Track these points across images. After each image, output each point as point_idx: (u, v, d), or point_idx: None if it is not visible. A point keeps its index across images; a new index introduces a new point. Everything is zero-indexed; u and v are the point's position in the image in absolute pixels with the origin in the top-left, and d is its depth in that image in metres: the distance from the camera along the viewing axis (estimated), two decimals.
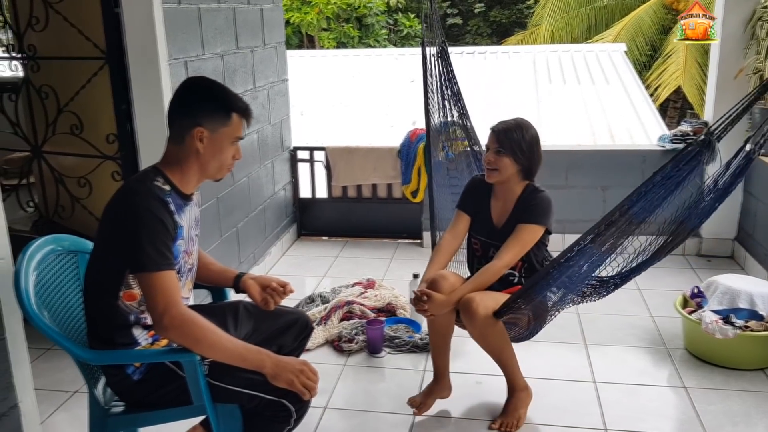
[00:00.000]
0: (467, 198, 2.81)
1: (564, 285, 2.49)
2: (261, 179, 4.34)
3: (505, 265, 2.57)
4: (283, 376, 1.86)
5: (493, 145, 2.62)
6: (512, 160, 2.59)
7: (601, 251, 2.33)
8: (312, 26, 14.73)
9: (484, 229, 2.74)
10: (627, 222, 2.26)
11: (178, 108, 1.97)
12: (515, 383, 2.70)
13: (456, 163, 3.27)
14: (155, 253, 1.81)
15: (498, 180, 2.65)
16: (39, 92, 3.37)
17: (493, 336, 2.56)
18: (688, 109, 12.18)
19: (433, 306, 2.54)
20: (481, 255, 2.75)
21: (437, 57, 3.24)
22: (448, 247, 2.78)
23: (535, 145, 2.63)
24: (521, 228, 2.58)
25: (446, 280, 2.62)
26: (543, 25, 13.33)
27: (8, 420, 2.08)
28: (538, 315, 2.61)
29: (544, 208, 2.61)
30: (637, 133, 7.64)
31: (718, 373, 3.02)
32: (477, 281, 2.59)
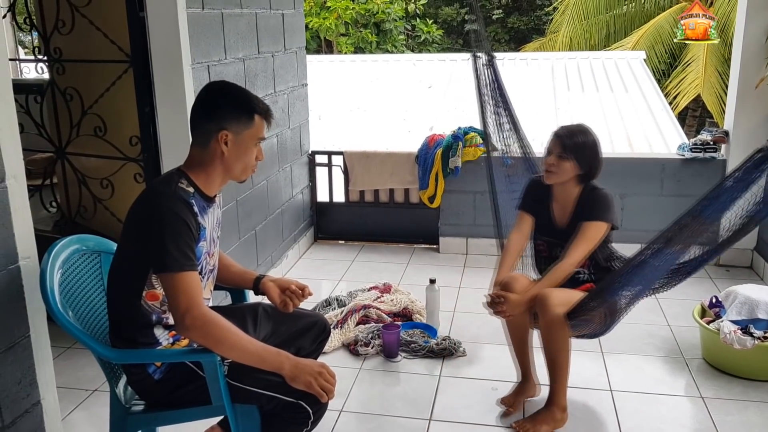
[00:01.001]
0: (528, 199, 2.88)
1: (638, 283, 2.50)
2: (279, 183, 4.37)
3: (573, 263, 2.62)
4: (301, 378, 1.88)
5: (556, 149, 2.68)
6: (574, 165, 2.66)
7: (672, 251, 2.36)
8: (330, 31, 14.79)
9: (547, 229, 2.81)
10: (699, 224, 2.28)
11: (202, 112, 1.99)
12: (556, 398, 2.68)
13: (514, 168, 3.32)
14: (179, 254, 1.84)
15: (556, 181, 2.72)
16: (64, 94, 3.42)
17: (558, 336, 2.59)
18: (707, 117, 12.09)
19: (509, 306, 2.60)
20: (548, 255, 2.81)
21: (487, 65, 3.29)
22: (515, 247, 2.85)
23: (596, 151, 2.70)
24: (586, 225, 2.63)
25: (518, 281, 2.70)
26: (561, 32, 13.29)
27: (31, 416, 2.11)
28: (612, 312, 2.64)
29: (607, 204, 2.67)
30: (656, 142, 7.59)
31: (736, 384, 3.00)
32: (549, 280, 2.63)
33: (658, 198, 4.40)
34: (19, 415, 2.06)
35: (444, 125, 5.83)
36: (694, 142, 4.40)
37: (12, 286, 2.01)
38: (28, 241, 2.07)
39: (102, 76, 3.26)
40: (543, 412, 2.70)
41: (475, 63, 3.24)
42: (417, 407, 2.87)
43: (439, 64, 10.68)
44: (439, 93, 9.38)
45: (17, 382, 2.04)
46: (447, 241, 4.81)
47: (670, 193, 4.36)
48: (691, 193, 4.41)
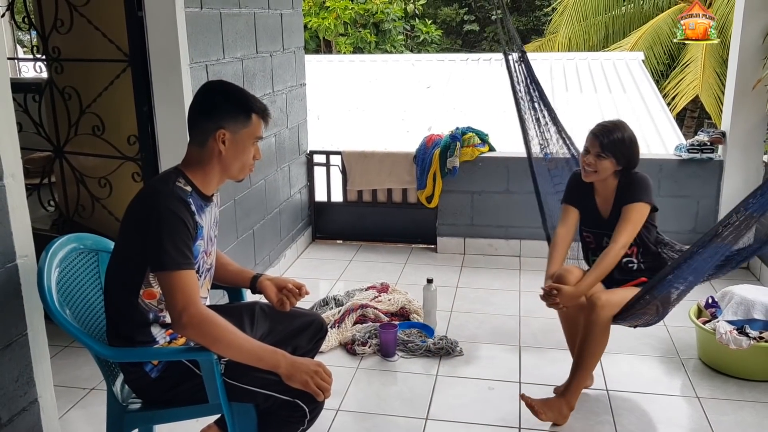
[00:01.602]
0: (572, 192, 2.91)
1: (690, 274, 2.54)
2: (278, 182, 4.38)
3: (621, 246, 2.64)
4: (298, 377, 1.89)
5: (594, 148, 2.70)
6: (613, 163, 2.69)
7: (724, 243, 2.40)
8: (329, 31, 14.80)
9: (593, 221, 2.84)
10: (746, 218, 2.31)
11: (200, 111, 2.00)
12: (569, 395, 2.71)
13: (555, 162, 3.37)
14: (176, 253, 1.85)
15: (595, 179, 2.75)
16: (62, 93, 3.43)
17: (596, 340, 2.64)
18: (706, 118, 12.10)
19: (564, 298, 2.64)
20: (596, 247, 2.84)
21: (520, 62, 3.31)
22: (563, 240, 2.89)
23: (634, 147, 2.74)
24: (627, 209, 2.67)
25: (571, 273, 2.72)
26: (560, 33, 13.30)
27: (28, 414, 2.11)
28: (665, 303, 2.67)
29: (645, 186, 2.70)
30: (654, 142, 7.61)
31: (732, 384, 3.01)
32: (599, 268, 2.66)
33: (655, 198, 4.40)
34: (17, 413, 2.06)
35: (442, 125, 5.84)
36: (691, 143, 4.41)
37: (9, 285, 2.02)
38: (26, 239, 2.08)
39: (100, 75, 3.27)
40: (553, 401, 2.72)
41: (507, 60, 3.29)
42: (414, 407, 2.87)
43: (438, 65, 10.69)
44: (437, 93, 9.39)
45: (14, 380, 2.05)
46: (444, 241, 4.81)
47: (667, 194, 4.37)
48: (688, 193, 4.43)
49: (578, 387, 2.72)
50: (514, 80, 3.31)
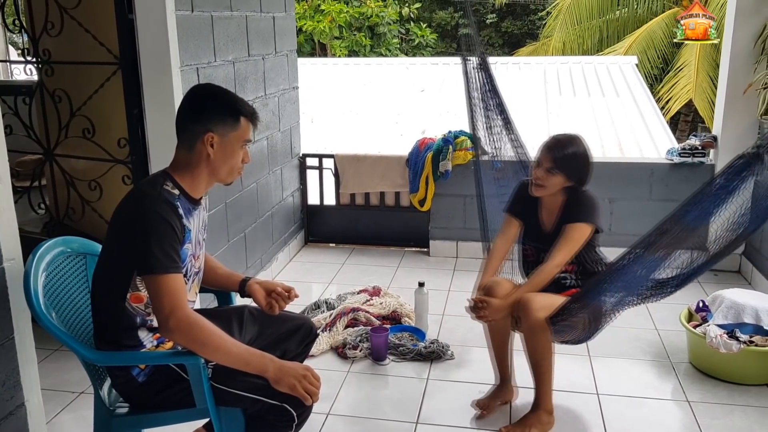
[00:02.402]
0: (517, 202, 2.86)
1: (621, 289, 2.50)
2: (270, 185, 4.37)
3: (557, 264, 2.60)
4: (285, 381, 1.88)
5: (546, 162, 2.64)
6: (563, 179, 2.64)
7: (655, 257, 2.33)
8: (324, 34, 14.81)
9: (534, 234, 2.79)
10: (681, 230, 2.27)
11: (188, 114, 2.00)
12: (542, 402, 2.69)
13: (504, 171, 3.32)
14: (163, 256, 1.84)
15: (543, 194, 2.70)
16: (52, 96, 3.42)
17: (542, 340, 2.58)
18: (699, 122, 12.14)
19: (491, 311, 2.60)
20: (534, 260, 2.79)
21: (478, 68, 3.29)
22: (500, 251, 2.84)
23: (586, 165, 2.68)
24: (569, 228, 2.62)
25: (501, 285, 2.69)
26: (554, 37, 13.33)
27: (15, 418, 2.10)
28: (595, 318, 2.63)
29: (591, 207, 2.66)
30: (647, 146, 7.63)
31: (722, 388, 3.01)
32: (531, 284, 2.63)
33: (646, 202, 4.42)
34: (3, 417, 2.05)
35: (436, 129, 5.84)
36: (683, 147, 4.42)
37: None
38: (13, 242, 2.07)
39: (91, 77, 3.26)
40: (530, 416, 2.70)
41: (465, 65, 3.24)
42: (404, 410, 2.87)
43: (432, 68, 10.71)
44: (431, 97, 9.41)
45: (1, 384, 2.04)
46: (437, 244, 4.81)
47: (658, 198, 4.38)
48: (679, 197, 4.40)
49: (546, 391, 2.68)
50: (470, 86, 3.22)
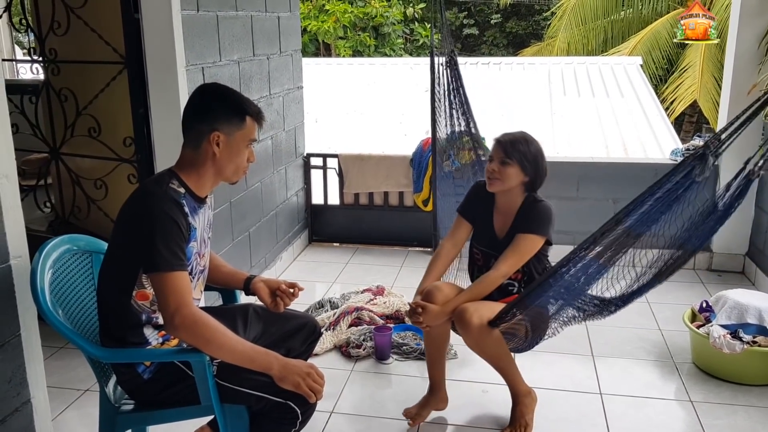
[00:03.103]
0: (470, 204, 2.78)
1: (561, 296, 2.46)
2: (274, 185, 4.38)
3: (502, 275, 2.54)
4: (289, 379, 1.89)
5: (498, 155, 2.58)
6: (519, 170, 2.56)
7: (599, 263, 2.28)
8: (329, 34, 14.83)
9: (485, 239, 2.71)
10: (624, 234, 2.22)
11: (194, 113, 2.01)
12: (517, 389, 2.69)
13: (462, 171, 3.27)
14: (169, 254, 1.85)
15: (500, 189, 2.61)
16: (58, 95, 3.43)
17: (489, 344, 2.53)
18: (704, 123, 12.13)
19: (427, 317, 2.52)
20: (482, 265, 2.71)
21: (446, 66, 3.27)
22: (446, 255, 2.76)
23: (540, 158, 2.60)
24: (520, 238, 2.55)
25: (441, 291, 2.59)
26: (559, 37, 13.33)
27: (21, 415, 2.12)
28: (536, 326, 2.58)
29: (544, 218, 2.57)
30: (651, 147, 7.63)
31: (726, 388, 3.01)
32: (473, 291, 2.56)
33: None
34: (9, 413, 2.07)
35: None
36: (687, 148, 4.42)
37: (3, 285, 2.02)
38: (20, 240, 2.08)
39: (97, 77, 3.28)
40: (518, 408, 2.69)
41: (432, 62, 3.22)
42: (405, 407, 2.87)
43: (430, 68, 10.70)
44: None
45: (7, 381, 2.05)
46: (432, 244, 4.81)
47: None
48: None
49: (515, 378, 2.65)
50: (435, 83, 3.19)
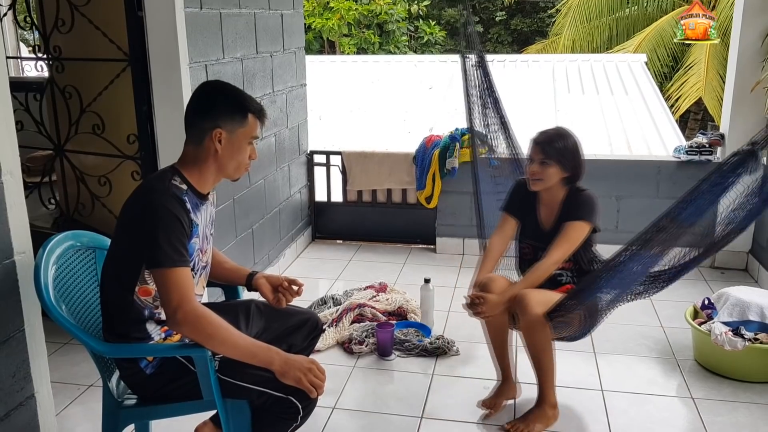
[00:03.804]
0: (513, 201, 2.87)
1: (616, 286, 2.51)
2: (277, 182, 4.40)
3: (554, 262, 2.61)
4: (291, 374, 1.90)
5: (537, 156, 2.66)
6: (559, 169, 2.65)
7: (650, 254, 2.35)
8: (333, 32, 14.82)
9: (532, 232, 2.80)
10: (676, 227, 2.28)
11: (197, 110, 2.02)
12: (546, 396, 2.70)
13: (501, 169, 3.32)
14: (171, 250, 1.87)
15: (542, 188, 2.71)
16: (63, 92, 3.45)
17: (540, 335, 2.59)
18: (709, 120, 12.09)
19: (487, 307, 2.60)
20: (532, 258, 2.79)
21: (476, 66, 3.30)
22: (496, 250, 2.84)
23: (577, 153, 2.69)
24: (568, 226, 2.63)
25: (496, 282, 2.69)
26: (564, 35, 13.31)
27: (25, 409, 2.13)
28: (591, 314, 2.64)
29: (590, 206, 2.66)
30: (655, 144, 7.62)
31: (727, 385, 3.02)
32: (528, 280, 2.64)
33: (653, 200, 4.42)
34: (13, 408, 2.08)
35: (444, 126, 5.86)
36: (690, 145, 4.42)
37: (7, 281, 2.04)
38: (24, 236, 2.10)
39: (100, 74, 3.29)
40: (534, 411, 2.71)
41: (464, 63, 3.25)
42: (409, 405, 2.89)
43: (440, 66, 10.71)
44: (439, 94, 9.41)
45: (11, 376, 2.07)
46: (444, 241, 4.83)
47: (665, 196, 4.38)
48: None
49: (548, 385, 2.68)
50: (468, 84, 3.24)
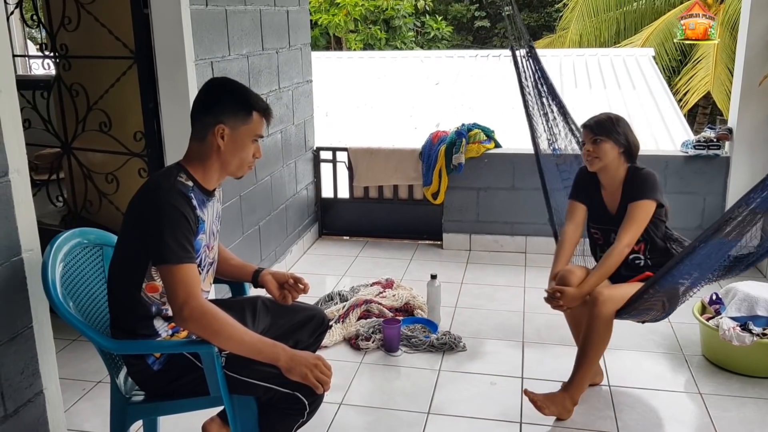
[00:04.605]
0: (579, 188, 2.93)
1: (695, 270, 2.54)
2: (284, 178, 4.40)
3: (626, 244, 2.65)
4: (297, 370, 1.91)
5: (589, 136, 2.74)
6: (612, 144, 2.71)
7: (728, 239, 2.39)
8: (339, 28, 14.83)
9: (600, 217, 2.85)
10: (750, 213, 2.30)
11: (201, 106, 2.03)
12: (573, 390, 2.71)
13: (564, 157, 3.38)
14: (177, 247, 1.87)
15: (600, 167, 2.76)
16: (70, 90, 3.46)
17: (599, 334, 2.65)
18: (718, 115, 12.03)
19: (566, 299, 2.66)
20: (603, 242, 2.85)
21: (528, 57, 3.32)
22: (571, 238, 2.89)
23: (628, 129, 2.76)
24: (633, 206, 2.68)
25: (573, 273, 2.73)
26: (571, 29, 13.26)
27: (33, 406, 2.15)
28: (672, 298, 2.67)
29: (650, 183, 2.70)
30: (663, 139, 7.59)
31: (735, 380, 3.01)
32: (603, 267, 2.68)
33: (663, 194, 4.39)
34: (22, 404, 2.10)
35: (451, 122, 5.84)
36: (698, 139, 4.39)
37: (15, 278, 2.05)
38: (31, 233, 2.11)
39: (107, 72, 3.30)
40: (557, 395, 2.71)
41: (514, 56, 3.29)
42: (416, 401, 2.89)
43: (447, 61, 10.70)
44: (446, 90, 9.40)
45: (20, 372, 2.09)
46: (450, 237, 4.82)
47: (673, 190, 4.36)
48: (694, 190, 4.41)
49: (582, 382, 2.72)
50: (521, 76, 3.31)
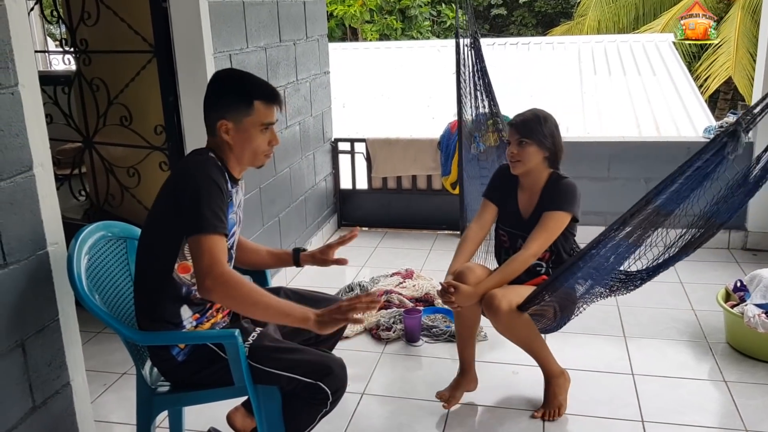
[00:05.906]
0: (494, 187, 2.80)
1: (590, 276, 2.46)
2: (302, 170, 4.41)
3: (532, 254, 2.54)
4: (328, 324, 1.90)
5: (515, 137, 2.60)
6: (537, 148, 2.58)
7: (628, 243, 2.28)
8: (355, 19, 14.79)
9: (511, 220, 2.72)
10: (654, 213, 2.21)
11: (206, 102, 2.05)
12: (550, 370, 2.70)
13: (487, 154, 3.28)
14: (212, 216, 1.87)
15: (523, 171, 2.63)
16: (90, 85, 3.49)
17: (519, 328, 2.55)
18: (740, 100, 11.86)
19: (459, 298, 2.52)
20: (509, 246, 2.73)
21: (470, 47, 3.27)
22: (474, 237, 2.76)
23: (555, 131, 2.62)
24: (547, 216, 2.55)
25: (472, 272, 2.61)
26: (589, 16, 13.13)
27: (61, 397, 2.18)
28: (564, 306, 2.59)
29: (569, 195, 2.57)
30: (684, 125, 7.50)
31: (761, 368, 2.97)
32: (504, 272, 2.57)
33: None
34: (50, 395, 2.13)
35: None
36: (720, 125, 4.33)
37: (41, 271, 2.07)
38: (56, 227, 2.13)
39: (127, 66, 3.32)
40: (551, 389, 2.70)
41: (457, 44, 3.25)
42: (437, 390, 2.89)
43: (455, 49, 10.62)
44: None
45: (47, 364, 2.11)
46: (460, 226, 4.80)
47: None
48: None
49: (548, 360, 2.67)
50: (460, 64, 3.22)
